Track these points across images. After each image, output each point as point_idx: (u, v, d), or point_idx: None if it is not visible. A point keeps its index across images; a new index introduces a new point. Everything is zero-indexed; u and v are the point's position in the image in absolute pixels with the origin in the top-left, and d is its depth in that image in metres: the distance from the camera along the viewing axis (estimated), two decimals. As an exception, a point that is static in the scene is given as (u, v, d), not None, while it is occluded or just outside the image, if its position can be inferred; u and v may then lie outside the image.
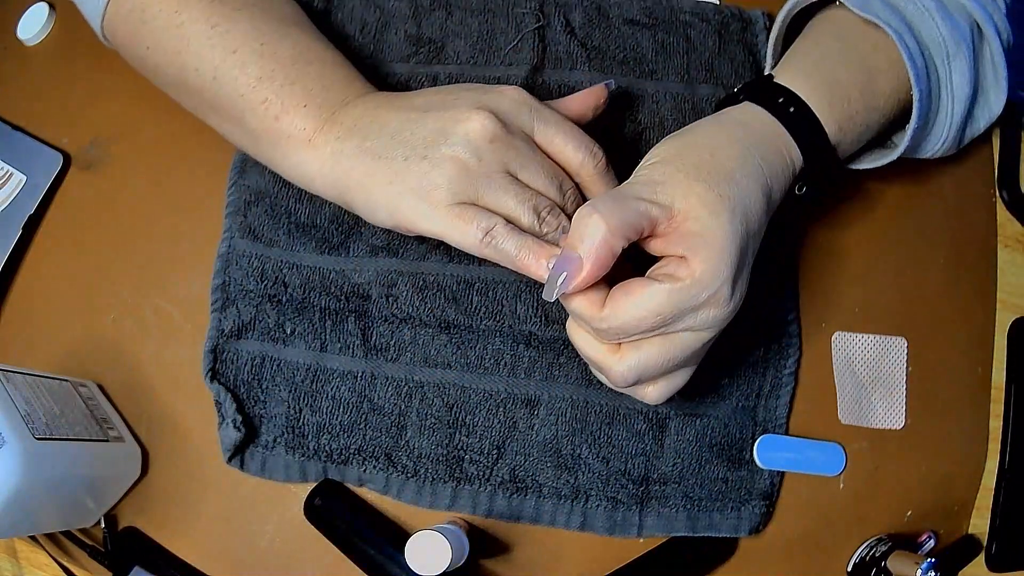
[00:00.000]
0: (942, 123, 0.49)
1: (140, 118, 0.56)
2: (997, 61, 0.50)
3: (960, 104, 0.49)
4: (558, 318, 0.52)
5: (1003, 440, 0.55)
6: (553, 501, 0.50)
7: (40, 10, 0.58)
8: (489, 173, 0.43)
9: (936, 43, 0.47)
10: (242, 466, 0.50)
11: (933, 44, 0.47)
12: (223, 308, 0.51)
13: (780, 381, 0.53)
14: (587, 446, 0.51)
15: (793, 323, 0.54)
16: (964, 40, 0.47)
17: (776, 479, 0.52)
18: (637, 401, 0.51)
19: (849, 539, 0.52)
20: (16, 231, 0.54)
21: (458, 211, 0.42)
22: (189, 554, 0.50)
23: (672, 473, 0.51)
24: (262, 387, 0.51)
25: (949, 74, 0.48)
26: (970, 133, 0.53)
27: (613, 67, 0.56)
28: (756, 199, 0.40)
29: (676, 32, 0.57)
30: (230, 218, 0.53)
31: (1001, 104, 0.51)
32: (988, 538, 0.54)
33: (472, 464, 0.50)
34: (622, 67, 0.56)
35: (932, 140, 0.51)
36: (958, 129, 0.50)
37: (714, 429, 0.51)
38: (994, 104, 0.51)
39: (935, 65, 0.47)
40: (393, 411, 0.51)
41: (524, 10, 0.57)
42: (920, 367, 0.55)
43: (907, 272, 0.56)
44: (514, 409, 0.51)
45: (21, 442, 0.41)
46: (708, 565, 0.51)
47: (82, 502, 0.48)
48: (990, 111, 0.52)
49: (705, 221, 0.38)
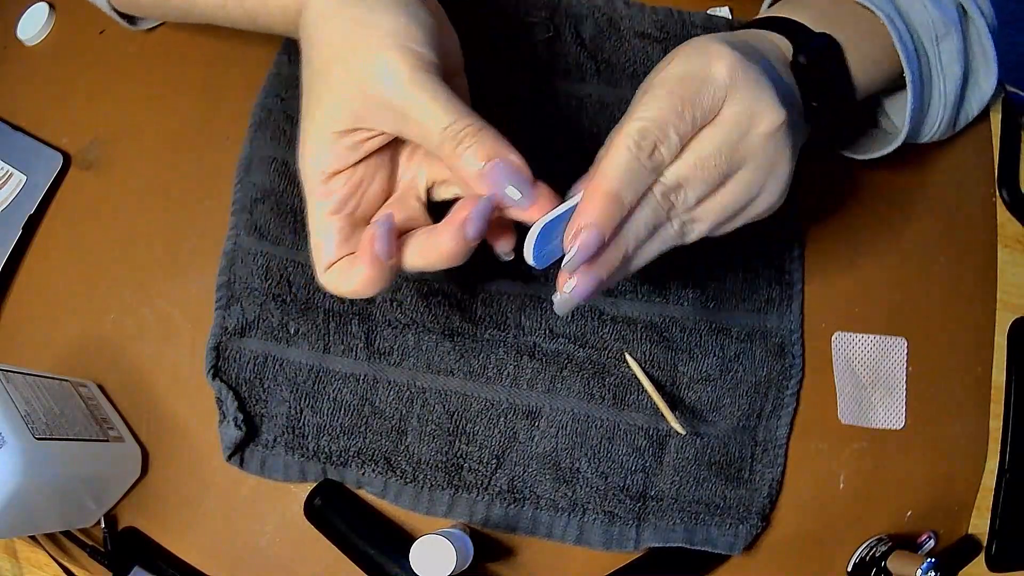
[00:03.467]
0: (936, 104, 0.50)
1: (140, 118, 0.56)
2: (985, 42, 0.50)
3: (952, 83, 0.49)
4: (563, 332, 0.52)
5: (1003, 440, 0.55)
6: (550, 513, 0.50)
7: (40, 10, 0.58)
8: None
9: (925, 25, 0.47)
10: (242, 465, 0.50)
11: (922, 27, 0.47)
12: (227, 306, 0.51)
13: (782, 402, 0.53)
14: (586, 460, 0.50)
15: (797, 344, 0.53)
16: (953, 22, 0.48)
17: (775, 497, 0.52)
18: (638, 418, 0.51)
19: (849, 539, 0.52)
20: (16, 231, 0.54)
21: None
22: (189, 554, 0.50)
23: (670, 490, 0.51)
24: (264, 386, 0.50)
25: (938, 55, 0.48)
26: (964, 116, 0.54)
27: (623, 80, 0.56)
28: (739, 45, 0.37)
29: None
30: (236, 215, 0.53)
31: (992, 86, 0.52)
32: (988, 538, 0.54)
33: (471, 472, 0.50)
34: (631, 80, 0.56)
35: (928, 122, 0.51)
36: (952, 109, 0.51)
37: (714, 448, 0.51)
38: (984, 86, 0.52)
39: (923, 47, 0.48)
40: (394, 415, 0.50)
41: (534, 20, 0.57)
42: (920, 367, 0.55)
43: (907, 272, 0.56)
44: (515, 419, 0.51)
45: (21, 442, 0.41)
46: (708, 565, 0.51)
47: (82, 502, 0.48)
48: (981, 93, 0.52)
49: (691, 54, 0.35)
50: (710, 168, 0.35)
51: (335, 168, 0.37)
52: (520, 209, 0.35)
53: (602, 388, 0.51)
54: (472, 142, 0.35)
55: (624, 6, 0.58)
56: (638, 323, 0.52)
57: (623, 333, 0.52)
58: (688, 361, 0.52)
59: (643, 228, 0.35)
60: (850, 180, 0.57)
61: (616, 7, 0.57)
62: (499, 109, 0.35)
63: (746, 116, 0.34)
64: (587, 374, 0.51)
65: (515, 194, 0.35)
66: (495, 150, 0.35)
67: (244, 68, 0.56)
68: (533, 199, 0.35)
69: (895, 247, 0.57)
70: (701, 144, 0.34)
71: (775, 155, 0.35)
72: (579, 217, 0.34)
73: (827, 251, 0.56)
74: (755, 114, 0.34)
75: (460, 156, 0.35)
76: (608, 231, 0.34)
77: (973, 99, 0.53)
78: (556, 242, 0.36)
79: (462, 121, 0.35)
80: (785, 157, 0.36)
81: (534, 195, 0.35)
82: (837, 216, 0.56)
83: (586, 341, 0.52)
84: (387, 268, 0.36)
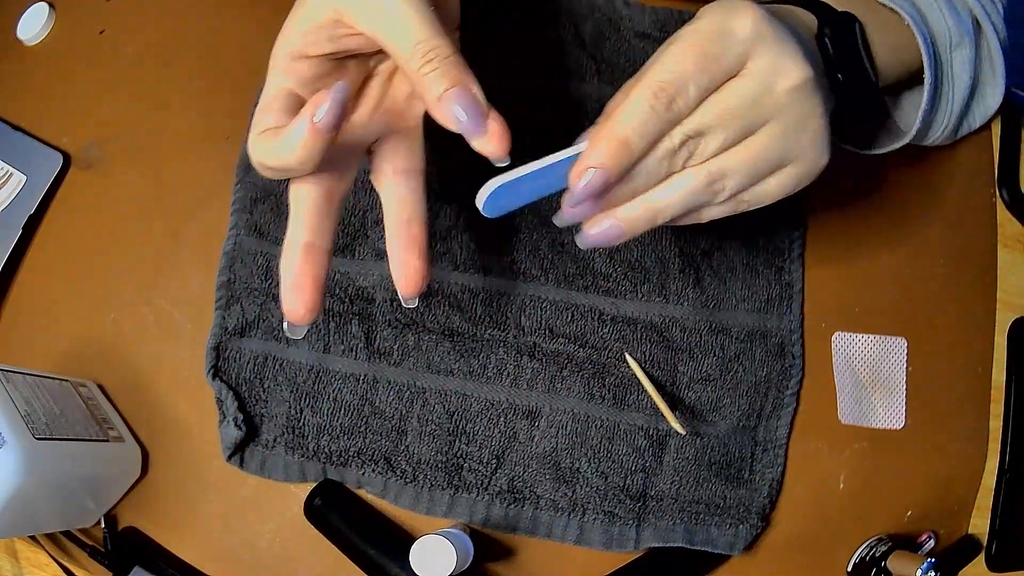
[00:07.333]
0: (944, 110, 0.50)
1: (140, 118, 0.56)
2: (995, 57, 0.51)
3: (960, 92, 0.50)
4: (563, 332, 0.52)
5: (1003, 440, 0.55)
6: (550, 513, 0.50)
7: (40, 10, 0.58)
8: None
9: (942, 32, 0.48)
10: (241, 464, 0.50)
11: (939, 33, 0.48)
12: (227, 306, 0.51)
13: (782, 402, 0.53)
14: (586, 460, 0.50)
15: (797, 344, 0.53)
16: (967, 32, 0.48)
17: (775, 497, 0.52)
18: (638, 418, 0.51)
19: (849, 539, 0.52)
20: (16, 231, 0.54)
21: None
22: (189, 554, 0.50)
23: (670, 490, 0.51)
24: (264, 386, 0.50)
25: (951, 62, 0.49)
26: (967, 126, 0.54)
27: (623, 80, 0.55)
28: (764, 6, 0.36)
29: None
30: (236, 215, 0.53)
31: (997, 100, 0.53)
32: (988, 538, 0.54)
33: (471, 472, 0.50)
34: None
35: (934, 127, 0.52)
36: (957, 118, 0.51)
37: (714, 448, 0.51)
38: (990, 99, 0.53)
39: (938, 53, 0.48)
40: (394, 415, 0.50)
41: (534, 19, 0.57)
42: (920, 367, 0.55)
43: (907, 272, 0.56)
44: (515, 419, 0.51)
45: (21, 442, 0.41)
46: (708, 565, 0.51)
47: (82, 502, 0.48)
48: (986, 106, 0.53)
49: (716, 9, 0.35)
50: (732, 119, 0.34)
51: (305, 52, 0.36)
52: (470, 138, 0.34)
53: (602, 388, 0.51)
54: (439, 65, 0.34)
55: (624, 6, 0.58)
56: (638, 323, 0.52)
57: (623, 333, 0.52)
58: (688, 361, 0.52)
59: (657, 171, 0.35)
60: (850, 181, 0.57)
61: (616, 7, 0.57)
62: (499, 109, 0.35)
63: (771, 70, 0.34)
64: (587, 374, 0.51)
65: (461, 115, 0.34)
66: (460, 78, 0.34)
67: (244, 68, 0.56)
68: (482, 131, 0.34)
69: (895, 247, 0.57)
70: (723, 95, 0.34)
71: (804, 111, 0.35)
72: (585, 158, 0.33)
73: (827, 251, 0.56)
74: (780, 69, 0.34)
75: (424, 76, 0.34)
76: (614, 174, 0.33)
77: (977, 111, 0.53)
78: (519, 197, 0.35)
79: (434, 41, 0.34)
80: (816, 114, 0.35)
81: (483, 127, 0.34)
82: (837, 216, 0.56)
83: (586, 341, 0.52)
84: (324, 139, 0.33)
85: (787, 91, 0.34)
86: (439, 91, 0.34)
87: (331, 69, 0.37)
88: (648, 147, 0.34)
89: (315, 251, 0.36)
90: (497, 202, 0.35)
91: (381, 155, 0.39)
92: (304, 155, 0.33)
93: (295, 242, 0.36)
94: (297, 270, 0.36)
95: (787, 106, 0.34)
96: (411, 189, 0.39)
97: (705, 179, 0.35)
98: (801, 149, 0.36)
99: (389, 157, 0.39)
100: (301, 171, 0.34)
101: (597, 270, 0.53)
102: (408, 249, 0.38)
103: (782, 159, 0.36)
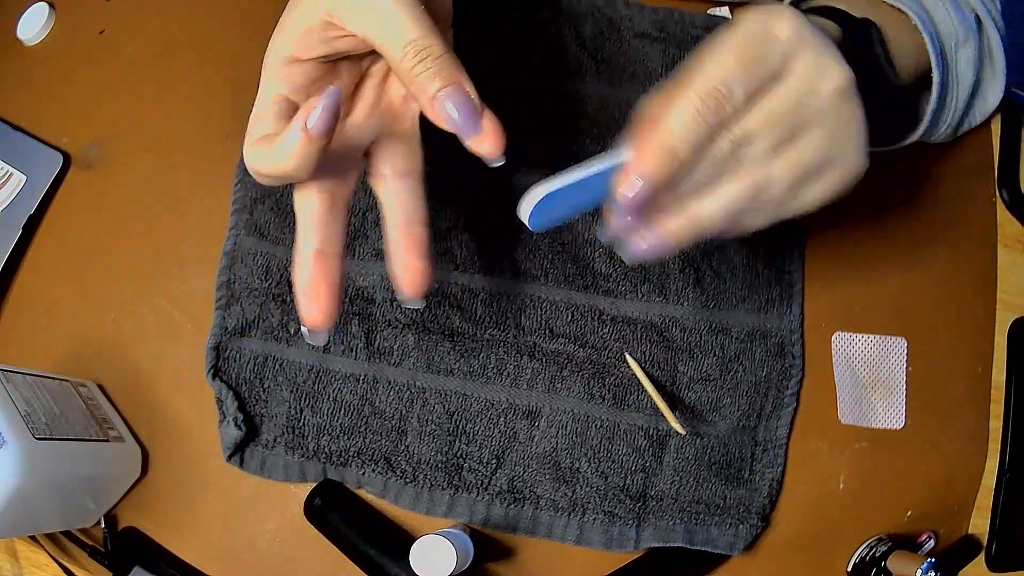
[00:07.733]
0: (948, 108, 0.51)
1: (140, 118, 0.56)
2: (996, 56, 0.51)
3: (964, 89, 0.50)
4: (563, 332, 0.52)
5: (1003, 440, 0.55)
6: (550, 513, 0.50)
7: (40, 10, 0.58)
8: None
9: (948, 31, 0.48)
10: (241, 464, 0.50)
11: (945, 32, 0.48)
12: (227, 306, 0.51)
13: (782, 402, 0.53)
14: (586, 460, 0.50)
15: (797, 344, 0.53)
16: (971, 31, 0.49)
17: (775, 497, 0.52)
18: (638, 418, 0.51)
19: (849, 539, 0.52)
20: (16, 231, 0.54)
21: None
22: (189, 554, 0.50)
23: (670, 490, 0.51)
24: (264, 386, 0.50)
25: (956, 61, 0.49)
26: (967, 123, 0.54)
27: (623, 80, 0.56)
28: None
29: (687, 47, 0.57)
30: (236, 215, 0.53)
31: (997, 98, 0.53)
32: (988, 538, 0.54)
33: (471, 472, 0.50)
34: (631, 80, 0.56)
35: (939, 125, 0.52)
36: (960, 115, 0.51)
37: (714, 448, 0.51)
38: (990, 98, 0.53)
39: (945, 51, 0.49)
40: (394, 415, 0.51)
41: (534, 19, 0.57)
42: (920, 367, 0.55)
43: (907, 272, 0.56)
44: (515, 419, 0.51)
45: (21, 442, 0.41)
46: (708, 565, 0.51)
47: (82, 502, 0.48)
48: (986, 104, 0.53)
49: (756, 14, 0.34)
50: (777, 123, 0.34)
51: (297, 56, 0.36)
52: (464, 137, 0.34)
53: (602, 388, 0.51)
54: (431, 65, 0.34)
55: (624, 6, 0.57)
56: (638, 323, 0.52)
57: (623, 333, 0.52)
58: (688, 361, 0.52)
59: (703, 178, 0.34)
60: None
61: (616, 7, 0.57)
62: (499, 109, 0.35)
63: (814, 73, 0.33)
64: (587, 374, 0.51)
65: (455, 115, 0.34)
66: (453, 77, 0.34)
67: (244, 67, 0.56)
68: (476, 130, 0.34)
69: (895, 247, 0.57)
70: (769, 100, 0.34)
71: (847, 114, 0.34)
72: (631, 167, 0.33)
73: (827, 251, 0.56)
74: (823, 72, 0.34)
75: (416, 76, 0.34)
76: (661, 183, 0.33)
77: (978, 109, 0.54)
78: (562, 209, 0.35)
79: (426, 40, 0.34)
80: (856, 118, 0.35)
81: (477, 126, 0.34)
82: (837, 216, 0.56)
83: (586, 341, 0.52)
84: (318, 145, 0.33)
85: (831, 94, 0.34)
86: (432, 91, 0.34)
87: (324, 73, 0.37)
88: (695, 154, 0.33)
89: (326, 258, 0.36)
90: (541, 216, 0.35)
91: (379, 157, 0.39)
92: (299, 162, 0.33)
93: (306, 251, 0.36)
94: (311, 278, 0.36)
95: (831, 109, 0.34)
96: (410, 191, 0.39)
97: (751, 187, 0.35)
98: (842, 153, 0.35)
99: (387, 159, 0.39)
100: (297, 177, 0.34)
101: (597, 270, 0.53)
102: (410, 251, 0.38)
103: (824, 164, 0.35)
